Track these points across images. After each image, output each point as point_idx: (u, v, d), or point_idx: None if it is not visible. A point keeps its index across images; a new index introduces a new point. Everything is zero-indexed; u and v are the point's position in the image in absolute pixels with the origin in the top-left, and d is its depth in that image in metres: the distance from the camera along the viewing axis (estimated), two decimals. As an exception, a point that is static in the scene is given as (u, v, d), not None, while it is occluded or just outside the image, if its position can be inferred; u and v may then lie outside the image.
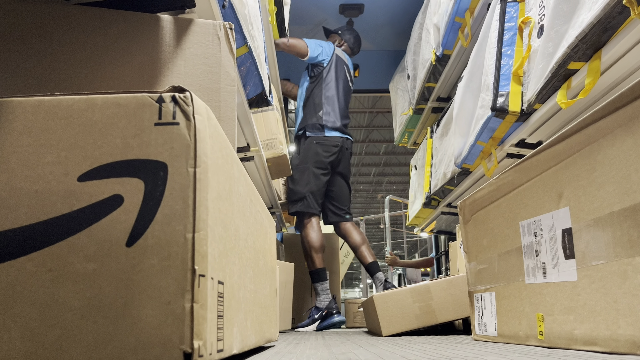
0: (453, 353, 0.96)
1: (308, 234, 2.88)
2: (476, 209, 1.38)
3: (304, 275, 3.18)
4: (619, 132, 0.81)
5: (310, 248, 2.86)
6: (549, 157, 1.01)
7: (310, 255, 2.87)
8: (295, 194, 2.95)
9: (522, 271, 1.12)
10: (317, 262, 2.84)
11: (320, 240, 2.89)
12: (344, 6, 3.85)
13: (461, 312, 1.85)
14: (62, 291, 0.58)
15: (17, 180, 0.61)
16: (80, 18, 1.08)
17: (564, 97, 1.46)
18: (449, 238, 4.22)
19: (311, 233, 2.88)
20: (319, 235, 2.90)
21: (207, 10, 1.24)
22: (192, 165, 0.61)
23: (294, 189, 2.96)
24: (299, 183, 2.94)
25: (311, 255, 2.86)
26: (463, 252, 1.52)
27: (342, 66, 3.22)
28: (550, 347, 0.99)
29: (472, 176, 2.45)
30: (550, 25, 1.46)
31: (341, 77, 3.17)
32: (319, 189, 2.94)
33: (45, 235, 0.59)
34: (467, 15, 2.38)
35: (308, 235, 2.88)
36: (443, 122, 2.78)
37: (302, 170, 2.97)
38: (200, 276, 0.59)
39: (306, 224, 2.91)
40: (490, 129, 1.86)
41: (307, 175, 2.94)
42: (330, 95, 3.09)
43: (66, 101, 0.63)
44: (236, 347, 0.78)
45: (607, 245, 0.83)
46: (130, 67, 1.08)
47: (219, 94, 1.11)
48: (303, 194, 2.91)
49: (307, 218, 2.91)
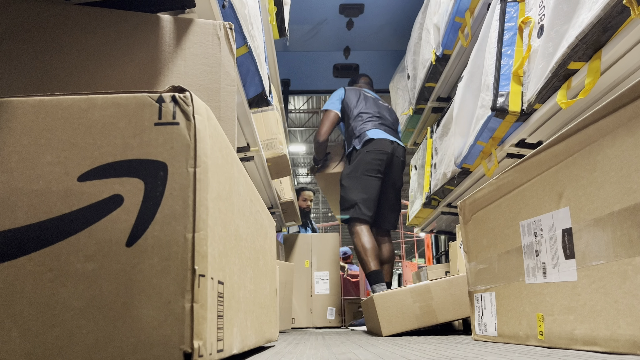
0: (453, 353, 0.96)
1: (359, 239, 2.84)
2: (476, 209, 1.38)
3: (305, 275, 3.18)
4: (619, 132, 0.81)
5: (361, 251, 2.82)
6: (549, 157, 1.01)
7: (362, 259, 2.83)
8: (346, 202, 2.94)
9: (522, 271, 1.12)
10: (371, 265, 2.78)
11: (372, 243, 2.83)
12: (344, 6, 3.86)
13: (461, 312, 1.85)
14: (62, 291, 0.58)
15: (17, 180, 0.61)
16: (80, 18, 1.08)
17: (564, 97, 1.46)
18: (449, 238, 4.22)
19: (362, 237, 2.84)
20: (370, 239, 2.84)
21: (207, 10, 1.23)
22: (192, 165, 0.61)
23: (345, 197, 2.95)
24: (350, 191, 2.93)
25: (363, 258, 2.81)
26: (463, 252, 1.52)
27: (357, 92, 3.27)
28: (551, 347, 0.99)
29: (472, 176, 2.45)
30: (550, 25, 1.46)
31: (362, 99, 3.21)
32: (369, 196, 2.91)
33: (45, 235, 0.59)
34: (467, 15, 2.38)
35: (359, 240, 2.84)
36: (443, 122, 2.78)
37: (353, 178, 2.96)
38: (200, 276, 0.59)
39: (356, 230, 2.87)
40: (491, 129, 1.86)
41: (357, 183, 2.93)
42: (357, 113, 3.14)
43: (66, 101, 0.63)
44: (236, 347, 0.78)
45: (607, 245, 0.83)
46: (130, 67, 1.08)
47: (219, 94, 1.11)
48: (354, 201, 2.90)
49: (358, 224, 2.87)
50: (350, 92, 3.25)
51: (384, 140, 3.00)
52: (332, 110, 3.23)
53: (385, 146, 2.99)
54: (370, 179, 2.94)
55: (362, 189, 2.92)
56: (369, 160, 2.96)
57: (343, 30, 4.12)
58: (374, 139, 2.99)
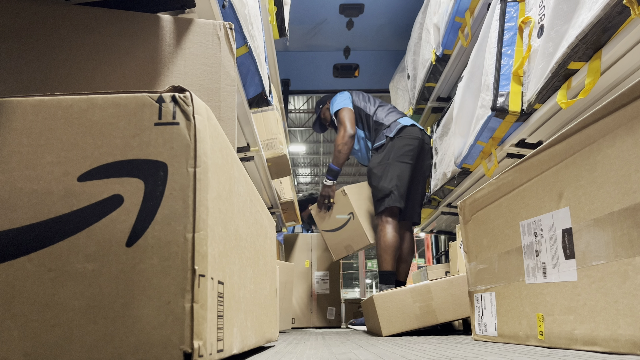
0: (453, 353, 0.96)
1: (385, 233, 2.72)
2: (476, 209, 1.38)
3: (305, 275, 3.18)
4: (619, 132, 0.81)
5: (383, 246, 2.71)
6: (549, 157, 1.01)
7: (381, 255, 2.72)
8: (379, 192, 2.79)
9: (522, 271, 1.12)
10: (388, 264, 2.69)
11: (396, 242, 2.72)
12: (344, 6, 3.86)
13: (461, 312, 1.85)
14: (62, 291, 0.58)
15: (17, 180, 0.61)
16: (80, 18, 1.08)
17: (564, 97, 1.46)
18: (449, 238, 4.22)
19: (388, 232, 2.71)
20: (396, 237, 2.72)
21: (207, 10, 1.23)
22: (192, 165, 0.61)
23: (378, 186, 2.79)
24: (383, 179, 2.78)
25: (382, 254, 2.71)
26: (463, 252, 1.52)
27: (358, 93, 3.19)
28: (550, 347, 0.99)
29: (472, 176, 2.45)
30: (550, 25, 1.46)
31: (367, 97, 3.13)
32: (402, 183, 2.77)
33: (45, 235, 0.59)
34: (467, 15, 2.38)
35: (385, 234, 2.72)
36: (443, 122, 2.78)
37: (384, 165, 2.81)
38: (200, 276, 0.59)
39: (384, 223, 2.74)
40: (491, 129, 1.86)
41: (390, 170, 2.78)
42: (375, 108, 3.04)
43: (66, 101, 0.63)
44: (236, 347, 0.78)
45: (607, 245, 0.83)
46: (130, 67, 1.07)
47: (219, 94, 1.11)
48: (388, 189, 2.75)
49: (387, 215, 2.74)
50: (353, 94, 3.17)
51: (415, 127, 2.91)
52: (347, 107, 3.07)
53: (416, 132, 2.88)
54: (403, 165, 2.80)
55: (395, 176, 2.77)
56: (400, 145, 2.82)
57: (343, 30, 4.12)
58: (406, 126, 2.88)
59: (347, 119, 3.02)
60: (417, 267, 7.97)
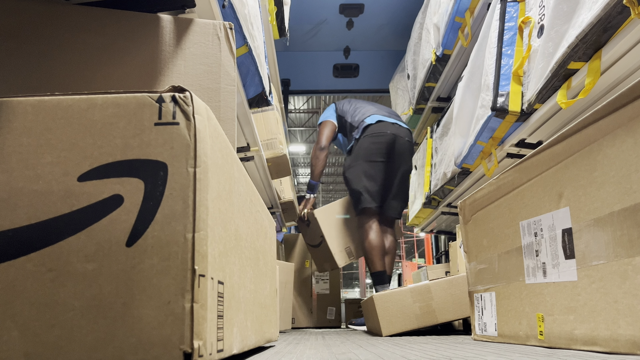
0: (453, 353, 0.96)
1: (367, 235, 2.74)
2: (476, 209, 1.38)
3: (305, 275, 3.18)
4: (619, 132, 0.81)
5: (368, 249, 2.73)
6: (549, 157, 1.01)
7: (368, 257, 2.74)
8: (352, 195, 2.82)
9: (522, 271, 1.12)
10: (377, 265, 2.70)
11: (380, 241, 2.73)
12: (344, 6, 3.86)
13: (461, 312, 1.85)
14: (62, 291, 0.58)
15: (17, 180, 0.61)
16: (80, 18, 1.08)
17: (564, 97, 1.46)
18: (449, 238, 4.22)
19: (370, 234, 2.73)
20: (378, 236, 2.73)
21: (207, 10, 1.23)
22: (192, 165, 0.61)
23: (351, 189, 2.82)
24: (354, 182, 2.80)
25: (369, 257, 2.73)
26: (463, 252, 1.52)
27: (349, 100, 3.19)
28: (550, 347, 0.99)
29: (472, 176, 2.45)
30: (550, 25, 1.46)
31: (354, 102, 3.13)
32: (373, 182, 2.76)
33: (45, 235, 0.59)
34: (467, 15, 2.38)
35: (367, 236, 2.74)
36: (443, 122, 2.78)
37: (354, 167, 2.82)
38: (200, 276, 0.59)
39: (365, 224, 2.75)
40: (490, 129, 1.86)
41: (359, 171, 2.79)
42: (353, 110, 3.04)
43: (66, 101, 0.63)
44: (236, 347, 0.78)
45: (607, 245, 0.83)
46: (130, 67, 1.07)
47: (219, 94, 1.11)
48: (358, 191, 2.76)
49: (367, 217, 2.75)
50: (342, 102, 3.18)
51: (382, 122, 2.85)
52: (328, 119, 3.11)
53: (384, 128, 2.83)
54: (372, 164, 2.79)
55: (364, 176, 2.78)
56: (367, 145, 2.81)
57: (343, 30, 4.12)
58: (371, 124, 2.85)
59: (322, 132, 3.09)
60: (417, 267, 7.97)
